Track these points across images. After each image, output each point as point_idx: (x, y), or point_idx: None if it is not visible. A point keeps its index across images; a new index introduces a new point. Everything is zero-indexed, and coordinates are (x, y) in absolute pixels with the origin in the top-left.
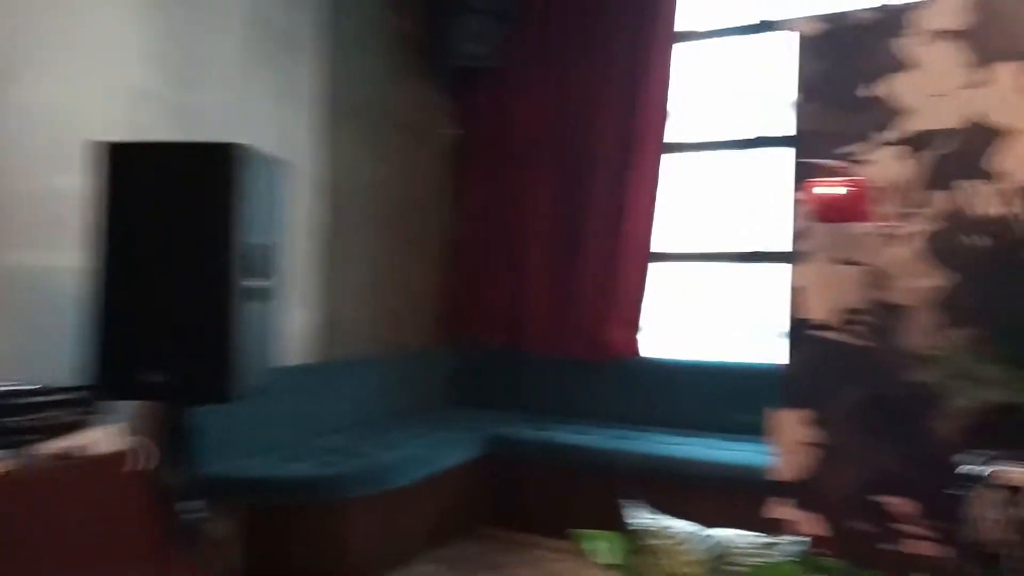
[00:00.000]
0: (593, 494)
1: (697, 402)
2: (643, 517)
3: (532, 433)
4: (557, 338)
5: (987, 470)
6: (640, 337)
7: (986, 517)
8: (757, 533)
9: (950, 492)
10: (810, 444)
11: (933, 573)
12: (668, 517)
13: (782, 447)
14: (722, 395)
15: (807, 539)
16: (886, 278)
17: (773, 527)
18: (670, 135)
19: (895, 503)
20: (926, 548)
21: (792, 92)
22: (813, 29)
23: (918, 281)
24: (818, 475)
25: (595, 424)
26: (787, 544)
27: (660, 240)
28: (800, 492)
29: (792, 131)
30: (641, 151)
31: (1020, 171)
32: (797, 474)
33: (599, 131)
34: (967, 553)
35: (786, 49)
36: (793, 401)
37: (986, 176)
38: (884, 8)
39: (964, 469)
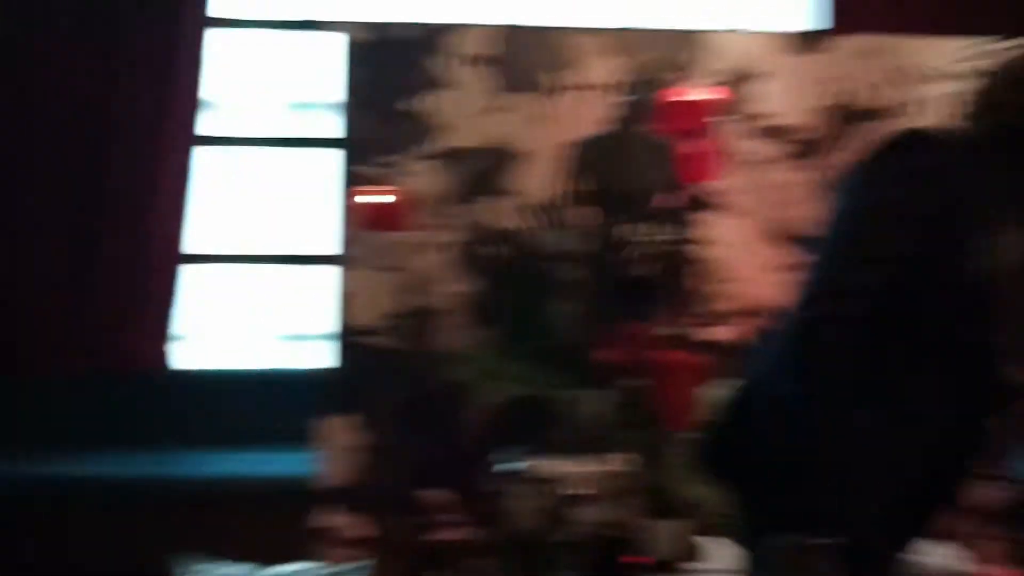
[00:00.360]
0: (120, 533)
1: (240, 415)
2: (193, 569)
3: (30, 470)
4: (68, 353)
5: (523, 464)
6: (171, 347)
7: (523, 508)
8: (318, 564)
9: (489, 484)
10: (357, 448)
11: (473, 556)
12: (223, 563)
13: (329, 454)
14: (268, 405)
15: (369, 563)
16: (423, 284)
17: (323, 535)
18: (206, 128)
19: (435, 496)
20: (465, 535)
21: (339, 95)
22: (361, 36)
23: (450, 286)
24: (365, 478)
25: (122, 450)
26: (350, 571)
27: (196, 241)
28: (348, 497)
29: (339, 134)
30: (169, 143)
31: (531, 189)
32: (345, 479)
33: (119, 119)
34: (507, 542)
35: (333, 51)
36: (340, 407)
37: (506, 193)
38: (426, 27)
39: (502, 463)
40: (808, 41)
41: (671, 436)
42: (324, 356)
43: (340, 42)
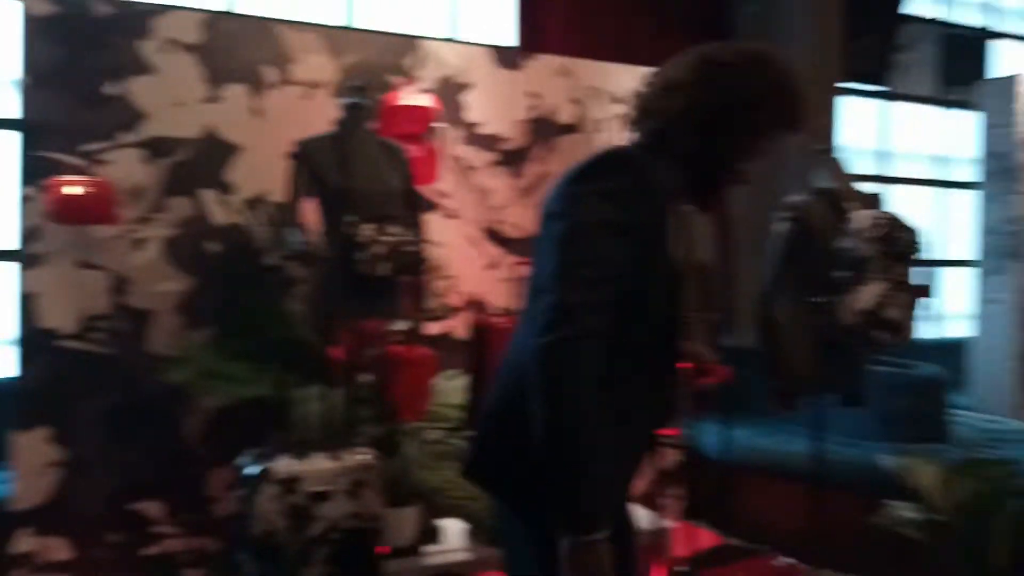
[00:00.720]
0: None
1: None
2: None
3: None
4: None
5: (262, 466)
6: None
7: (265, 510)
8: None
9: (229, 488)
10: (54, 464)
11: (203, 568)
12: None
13: (22, 472)
14: None
15: None
16: (129, 282)
17: (18, 562)
18: None
19: (151, 507)
20: (190, 545)
21: (18, 72)
22: (42, 10)
23: (160, 285)
24: (64, 495)
25: None
26: None
27: None
28: (45, 517)
29: (17, 115)
30: None
31: (248, 184)
32: (41, 499)
33: None
34: (244, 547)
35: (9, 23)
36: (32, 419)
37: (221, 187)
38: (123, 5)
39: (244, 468)
40: (511, 56)
41: (406, 428)
42: (13, 364)
43: (17, 15)
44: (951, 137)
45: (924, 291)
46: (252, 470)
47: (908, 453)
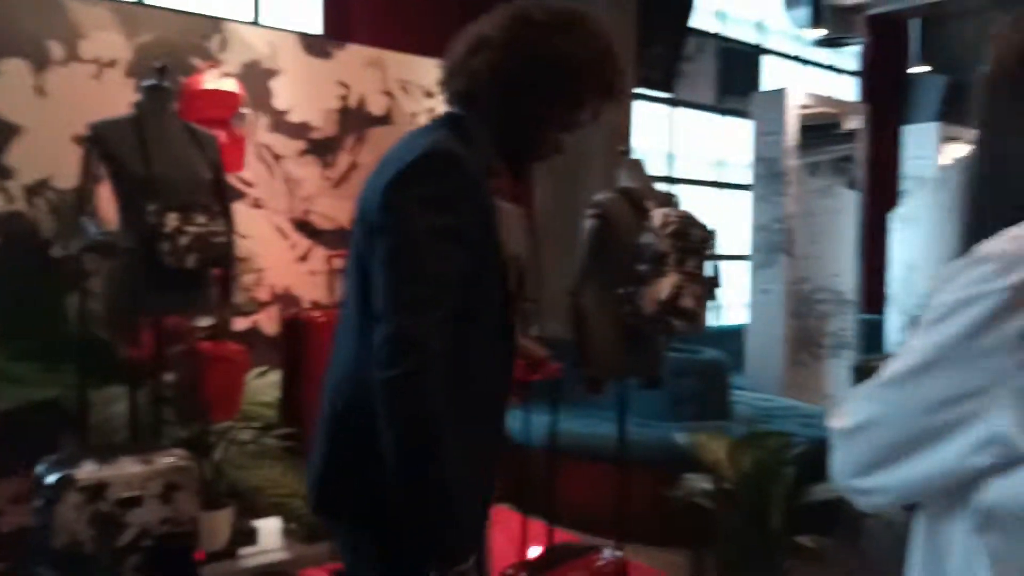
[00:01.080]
0: None
1: None
2: None
3: None
4: None
5: (62, 473)
6: None
7: (68, 519)
8: None
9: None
10: None
11: None
12: None
13: None
14: None
15: None
16: None
17: None
18: None
19: None
20: None
21: None
22: None
23: None
24: None
25: None
26: None
27: None
28: None
29: None
30: None
31: (30, 169)
32: None
33: None
34: (43, 561)
35: None
36: None
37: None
38: None
39: (42, 476)
40: (320, 44)
41: (217, 428)
42: None
43: None
44: (728, 142)
45: (714, 283)
46: (51, 478)
47: (698, 430)
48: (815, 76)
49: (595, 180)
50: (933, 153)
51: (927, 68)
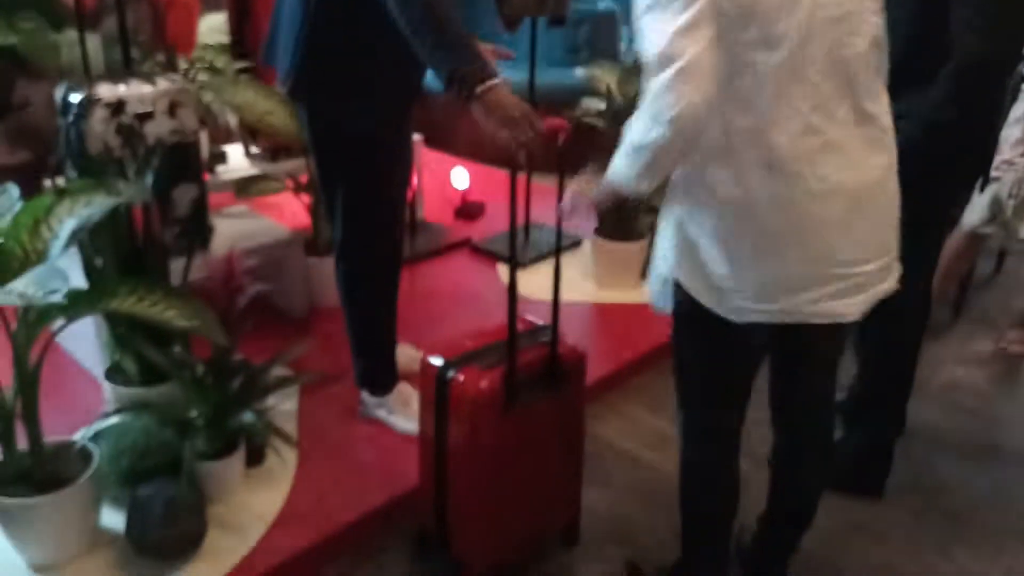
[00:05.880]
0: None
1: None
2: None
3: None
4: None
5: (88, 92)
6: None
7: (98, 131)
8: None
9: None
10: None
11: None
12: None
13: None
14: None
15: None
16: None
17: None
18: None
19: None
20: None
21: None
22: None
23: None
24: None
25: None
26: None
27: None
28: None
29: None
30: None
31: None
32: None
33: None
34: (79, 163)
35: None
36: None
37: None
38: None
39: (67, 95)
40: None
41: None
42: None
43: None
44: None
45: None
46: (76, 97)
47: (593, 66)
48: None
49: None
50: None
51: None
